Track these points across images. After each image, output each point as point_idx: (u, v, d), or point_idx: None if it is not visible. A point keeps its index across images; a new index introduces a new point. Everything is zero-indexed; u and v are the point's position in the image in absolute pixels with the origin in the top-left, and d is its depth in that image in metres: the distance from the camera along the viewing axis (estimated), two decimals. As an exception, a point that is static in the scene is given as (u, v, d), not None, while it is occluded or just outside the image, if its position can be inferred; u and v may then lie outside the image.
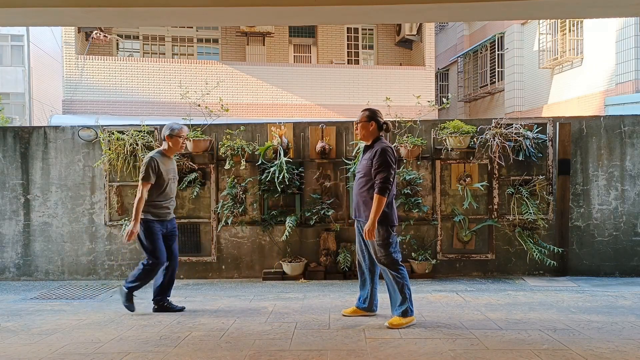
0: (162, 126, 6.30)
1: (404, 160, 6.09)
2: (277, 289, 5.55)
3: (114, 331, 4.00)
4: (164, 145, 4.61)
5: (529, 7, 4.26)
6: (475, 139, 6.00)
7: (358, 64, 15.65)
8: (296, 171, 6.08)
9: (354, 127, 4.19)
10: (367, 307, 4.29)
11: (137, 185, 4.45)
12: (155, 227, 4.49)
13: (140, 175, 4.45)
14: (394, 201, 4.11)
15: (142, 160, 6.03)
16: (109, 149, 6.10)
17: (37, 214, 6.35)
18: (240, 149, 5.98)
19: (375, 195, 3.88)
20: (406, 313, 3.97)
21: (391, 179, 3.90)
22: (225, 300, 5.11)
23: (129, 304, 4.55)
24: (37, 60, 20.74)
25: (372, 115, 4.10)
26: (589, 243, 6.12)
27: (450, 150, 6.04)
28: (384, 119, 4.16)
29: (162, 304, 4.62)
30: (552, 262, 5.88)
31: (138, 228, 4.40)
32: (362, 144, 4.46)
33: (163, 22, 6.43)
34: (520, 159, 5.93)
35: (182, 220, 6.24)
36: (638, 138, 6.12)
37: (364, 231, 3.96)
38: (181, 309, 4.66)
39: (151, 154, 4.55)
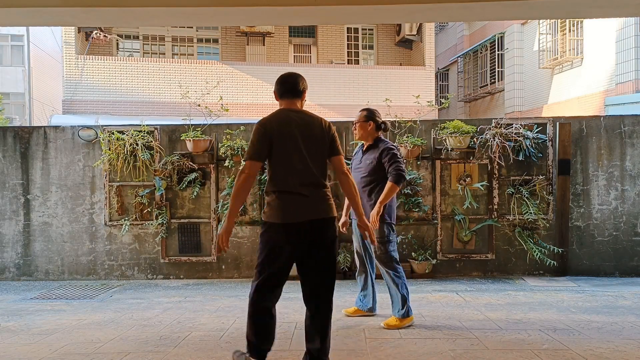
0: (162, 126, 6.33)
1: (404, 160, 6.09)
2: (277, 289, 5.53)
3: (114, 331, 4.00)
4: None
5: (529, 7, 4.26)
6: (475, 139, 6.00)
7: (358, 64, 15.63)
8: (296, 171, 6.06)
9: (353, 126, 4.20)
10: (369, 307, 4.29)
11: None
12: None
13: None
14: (395, 200, 4.11)
15: (141, 160, 6.06)
16: (109, 149, 6.10)
17: (37, 214, 6.35)
18: (240, 149, 5.98)
19: (389, 183, 3.88)
20: (403, 313, 3.96)
21: (404, 169, 3.92)
22: (225, 300, 5.11)
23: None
24: (37, 60, 20.73)
25: (370, 115, 4.09)
26: (589, 243, 6.12)
27: (450, 150, 6.04)
28: (382, 119, 4.16)
29: None
30: (552, 262, 5.88)
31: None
32: (359, 143, 4.45)
33: (163, 22, 6.44)
34: (520, 159, 5.93)
35: (182, 220, 6.24)
36: (638, 138, 6.12)
37: (370, 217, 3.83)
38: None
39: None
